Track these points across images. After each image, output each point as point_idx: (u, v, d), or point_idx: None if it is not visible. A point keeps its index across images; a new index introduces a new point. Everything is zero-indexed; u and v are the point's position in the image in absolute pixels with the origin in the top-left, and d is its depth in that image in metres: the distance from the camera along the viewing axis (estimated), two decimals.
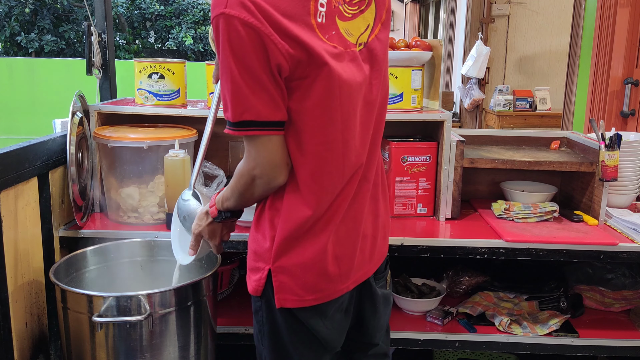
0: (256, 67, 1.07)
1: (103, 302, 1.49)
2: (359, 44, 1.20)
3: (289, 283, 1.23)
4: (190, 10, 12.74)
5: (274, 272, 1.24)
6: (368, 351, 1.48)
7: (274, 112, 1.11)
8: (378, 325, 1.44)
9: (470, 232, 1.93)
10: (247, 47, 1.05)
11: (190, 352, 1.62)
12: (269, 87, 1.09)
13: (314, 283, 1.24)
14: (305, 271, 1.23)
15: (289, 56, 1.07)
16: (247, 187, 1.21)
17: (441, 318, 1.99)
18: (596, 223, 2.00)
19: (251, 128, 1.11)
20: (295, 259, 1.23)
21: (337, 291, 1.27)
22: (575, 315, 2.07)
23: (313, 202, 1.19)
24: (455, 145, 2.01)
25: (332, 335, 1.32)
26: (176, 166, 1.84)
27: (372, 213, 1.33)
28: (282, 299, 1.24)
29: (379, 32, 1.25)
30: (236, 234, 1.87)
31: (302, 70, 1.10)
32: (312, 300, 1.25)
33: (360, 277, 1.33)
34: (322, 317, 1.28)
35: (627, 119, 3.10)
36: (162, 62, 2.09)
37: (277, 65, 1.07)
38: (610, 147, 1.98)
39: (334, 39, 1.15)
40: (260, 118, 1.10)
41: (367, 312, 1.40)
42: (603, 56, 3.22)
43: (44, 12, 11.98)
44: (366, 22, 1.22)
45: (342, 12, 1.17)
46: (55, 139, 1.88)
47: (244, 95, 1.08)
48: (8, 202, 1.61)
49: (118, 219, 1.98)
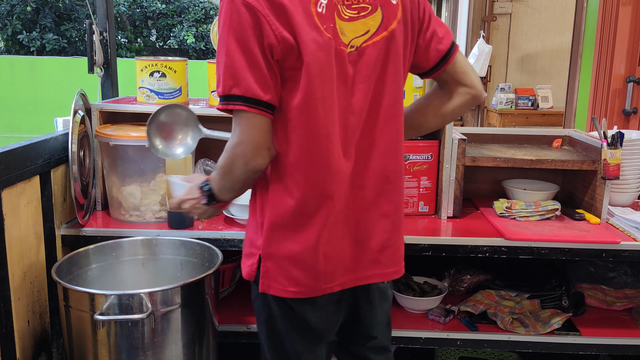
0: (251, 44, 1.13)
1: (105, 301, 1.49)
2: (351, 46, 1.22)
3: (274, 271, 1.27)
4: (192, 9, 12.73)
5: (263, 259, 1.28)
6: (366, 344, 1.48)
7: (263, 91, 1.15)
8: (375, 319, 1.44)
9: (472, 231, 1.93)
10: (245, 24, 1.12)
11: (191, 350, 1.62)
12: (261, 66, 1.14)
13: (297, 277, 1.27)
14: (291, 263, 1.26)
15: (281, 38, 1.13)
16: (228, 165, 1.23)
17: (443, 316, 1.99)
18: (598, 221, 2.00)
19: (239, 103, 1.15)
20: (283, 250, 1.26)
21: (319, 289, 1.29)
22: (577, 313, 2.07)
23: (296, 193, 1.23)
24: (457, 143, 2.01)
25: (323, 325, 1.35)
26: (178, 164, 1.84)
27: (373, 222, 1.32)
28: (266, 285, 1.29)
29: (382, 40, 1.24)
30: (238, 232, 1.87)
31: (294, 59, 1.15)
32: (293, 292, 1.28)
33: (348, 281, 1.32)
34: (313, 307, 1.31)
35: (630, 117, 3.10)
36: (164, 61, 2.09)
37: (269, 45, 1.13)
38: (612, 146, 1.97)
39: (330, 31, 1.18)
40: (248, 94, 1.14)
41: (362, 307, 1.40)
42: (605, 54, 3.21)
43: (45, 10, 11.98)
44: (366, 27, 1.23)
45: (340, 12, 1.21)
46: (57, 138, 1.88)
47: (236, 69, 1.14)
48: (10, 200, 1.62)
49: (120, 217, 1.98)
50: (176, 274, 1.86)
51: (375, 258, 1.34)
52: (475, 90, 1.40)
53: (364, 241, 1.32)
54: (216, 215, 1.43)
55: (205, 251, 1.81)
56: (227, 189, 1.29)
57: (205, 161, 2.12)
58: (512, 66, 5.38)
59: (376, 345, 1.49)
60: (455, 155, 2.01)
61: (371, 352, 1.49)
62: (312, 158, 1.22)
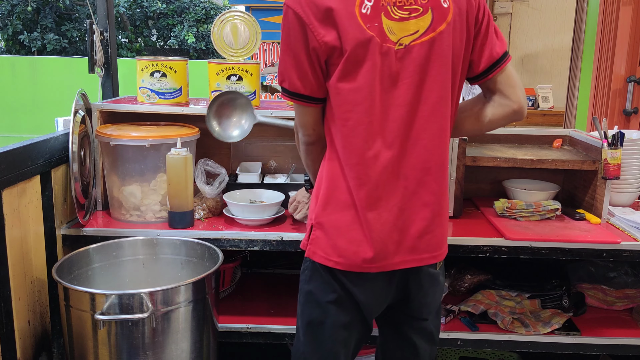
0: (297, 47, 1.33)
1: (105, 300, 1.49)
2: (399, 44, 1.32)
3: (322, 239, 1.40)
4: (193, 9, 12.72)
5: (314, 227, 1.41)
6: (415, 325, 1.52)
7: (304, 86, 1.36)
8: (425, 302, 1.49)
9: (473, 231, 1.93)
10: (293, 31, 1.32)
11: (192, 350, 1.62)
12: (304, 66, 1.34)
13: (342, 248, 1.37)
14: (338, 234, 1.38)
15: (323, 43, 1.30)
16: (296, 138, 1.51)
17: (443, 316, 1.99)
18: (598, 221, 2.00)
19: (287, 95, 1.39)
20: (331, 221, 1.38)
21: (358, 266, 1.37)
22: (578, 313, 2.07)
23: (348, 173, 1.36)
24: (457, 143, 2.01)
25: (369, 301, 1.42)
26: (178, 164, 1.84)
27: (412, 211, 1.38)
28: (312, 251, 1.42)
29: (429, 40, 1.32)
30: (238, 232, 1.87)
31: (337, 55, 1.31)
32: (335, 262, 1.38)
33: (388, 264, 1.38)
34: (363, 280, 1.39)
35: (630, 117, 3.10)
36: (164, 61, 2.09)
37: (313, 48, 1.31)
38: (612, 145, 1.97)
39: (374, 30, 1.30)
40: (292, 89, 1.37)
41: (412, 288, 1.45)
42: (606, 54, 3.21)
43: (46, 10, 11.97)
44: (416, 27, 1.32)
45: (389, 12, 1.32)
46: (58, 138, 1.88)
47: (285, 68, 1.37)
48: (11, 200, 1.62)
49: (120, 217, 1.98)
50: (177, 273, 1.86)
51: (413, 245, 1.40)
52: (517, 106, 1.44)
53: (405, 228, 1.38)
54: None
55: (206, 251, 1.81)
56: (304, 163, 1.53)
57: (206, 161, 2.12)
58: (512, 66, 5.37)
59: (425, 330, 1.52)
60: (455, 155, 2.01)
61: (419, 336, 1.52)
62: (346, 143, 1.35)
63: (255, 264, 2.42)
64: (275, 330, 1.94)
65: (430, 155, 1.37)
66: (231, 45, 2.16)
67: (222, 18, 2.16)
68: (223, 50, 2.16)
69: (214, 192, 2.05)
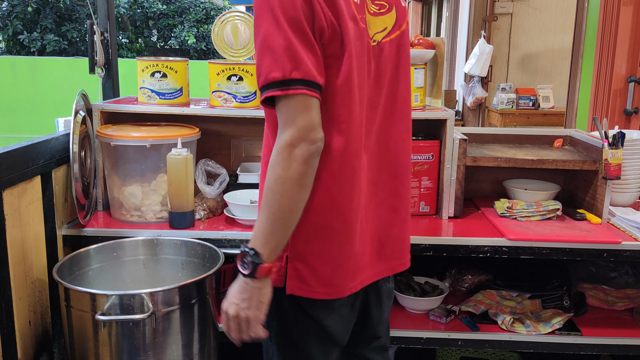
0: (306, 26, 1.09)
1: (106, 301, 1.49)
2: (374, 40, 1.24)
3: (304, 271, 1.22)
4: (193, 9, 12.73)
5: (291, 259, 1.22)
6: (370, 344, 1.48)
7: (319, 74, 1.12)
8: (382, 319, 1.45)
9: (473, 231, 1.93)
10: (298, 7, 1.08)
11: (193, 351, 1.62)
12: (316, 49, 1.11)
13: (329, 277, 1.22)
14: (322, 263, 1.21)
15: (330, 23, 1.11)
16: (286, 165, 1.09)
17: (444, 316, 1.99)
18: (599, 221, 2.00)
19: (300, 87, 1.08)
20: (315, 248, 1.21)
21: (346, 289, 1.27)
22: (578, 313, 2.06)
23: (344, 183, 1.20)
24: (458, 143, 2.01)
25: (340, 330, 1.31)
26: (179, 165, 1.84)
27: (383, 219, 1.33)
28: (293, 286, 1.23)
29: (396, 38, 1.28)
30: (239, 232, 1.87)
31: (337, 46, 1.13)
32: (322, 293, 1.23)
33: (366, 278, 1.33)
34: (330, 311, 1.27)
35: (631, 117, 3.10)
36: (165, 61, 2.09)
37: (320, 28, 1.10)
38: (613, 145, 1.97)
39: (363, 22, 1.20)
40: (308, 77, 1.09)
41: (372, 307, 1.41)
42: (606, 54, 3.21)
43: (46, 10, 11.98)
44: (384, 24, 1.27)
45: (368, 5, 1.23)
46: (58, 138, 1.88)
47: (296, 52, 1.08)
48: (11, 200, 1.62)
49: (121, 217, 1.98)
50: (177, 274, 1.86)
51: (386, 252, 1.35)
52: None
53: (379, 237, 1.33)
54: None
55: (207, 251, 1.81)
56: (294, 203, 1.13)
57: (207, 161, 2.12)
58: (513, 66, 5.37)
59: (379, 345, 1.49)
60: (456, 155, 2.01)
61: (374, 352, 1.49)
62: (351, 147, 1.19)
63: None
64: None
65: (398, 159, 1.33)
66: (232, 46, 2.16)
67: (222, 18, 2.16)
68: (223, 51, 2.16)
69: (215, 192, 2.05)
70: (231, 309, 1.20)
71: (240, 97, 2.10)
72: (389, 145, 1.30)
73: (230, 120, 2.27)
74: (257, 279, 1.15)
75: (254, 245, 1.14)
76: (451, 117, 2.00)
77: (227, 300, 1.22)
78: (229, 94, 2.09)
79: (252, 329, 1.19)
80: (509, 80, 5.33)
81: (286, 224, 1.13)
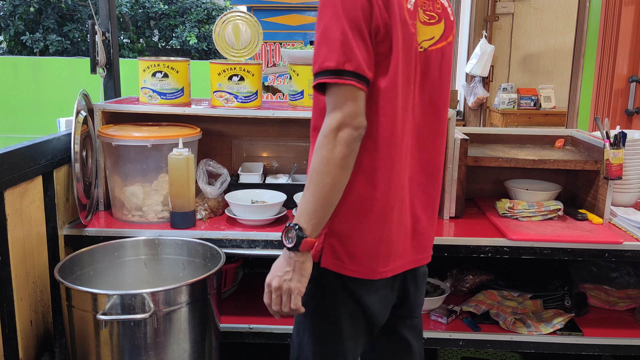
0: (362, 24, 1.20)
1: (107, 300, 1.49)
2: (421, 47, 1.33)
3: (338, 248, 1.30)
4: (194, 9, 12.73)
5: (327, 235, 1.31)
6: (408, 323, 1.53)
7: (369, 69, 1.21)
8: (419, 301, 1.52)
9: (474, 231, 1.93)
10: (358, 6, 1.19)
11: (194, 350, 1.62)
12: (369, 46, 1.21)
13: (360, 257, 1.31)
14: (356, 243, 1.30)
15: (384, 24, 1.21)
16: (330, 146, 1.18)
17: (445, 317, 1.99)
18: (601, 222, 1.99)
19: (350, 78, 1.19)
20: (350, 228, 1.29)
21: (376, 273, 1.33)
22: (580, 314, 2.06)
23: (382, 175, 1.28)
24: (459, 143, 2.00)
25: (379, 309, 1.39)
26: (180, 165, 1.84)
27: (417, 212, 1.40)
28: (327, 261, 1.32)
29: (442, 48, 1.36)
30: (240, 232, 1.87)
31: (386, 46, 1.23)
32: (351, 270, 1.31)
33: (401, 265, 1.39)
34: (371, 291, 1.35)
35: (632, 117, 3.09)
36: (166, 61, 2.09)
37: (376, 27, 1.21)
38: (615, 146, 1.97)
39: (413, 28, 1.29)
40: (358, 70, 1.19)
41: (410, 289, 1.46)
42: (608, 54, 3.21)
43: (48, 11, 11.99)
44: (432, 33, 1.35)
45: (420, 14, 1.32)
46: (60, 138, 1.88)
47: (350, 46, 1.18)
48: (13, 200, 1.62)
49: (122, 217, 1.98)
50: (179, 274, 1.87)
51: (416, 244, 1.42)
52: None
53: (411, 229, 1.39)
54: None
55: (208, 251, 1.81)
56: (336, 183, 1.22)
57: (208, 161, 2.12)
58: (514, 66, 5.37)
59: (416, 327, 1.55)
60: (457, 156, 2.01)
61: (412, 334, 1.54)
62: (392, 141, 1.28)
63: (257, 264, 2.41)
64: (277, 330, 1.93)
65: (431, 158, 1.42)
66: (233, 46, 2.16)
67: (223, 18, 2.16)
68: (225, 51, 2.17)
69: (216, 192, 2.06)
70: (275, 281, 1.27)
71: (242, 97, 2.10)
72: (426, 145, 1.39)
73: (232, 120, 2.27)
74: (300, 252, 1.24)
75: (298, 221, 1.23)
76: (452, 117, 2.00)
77: (271, 274, 1.29)
78: (230, 94, 2.09)
79: (293, 300, 1.26)
80: (511, 80, 5.33)
81: (328, 202, 1.23)
